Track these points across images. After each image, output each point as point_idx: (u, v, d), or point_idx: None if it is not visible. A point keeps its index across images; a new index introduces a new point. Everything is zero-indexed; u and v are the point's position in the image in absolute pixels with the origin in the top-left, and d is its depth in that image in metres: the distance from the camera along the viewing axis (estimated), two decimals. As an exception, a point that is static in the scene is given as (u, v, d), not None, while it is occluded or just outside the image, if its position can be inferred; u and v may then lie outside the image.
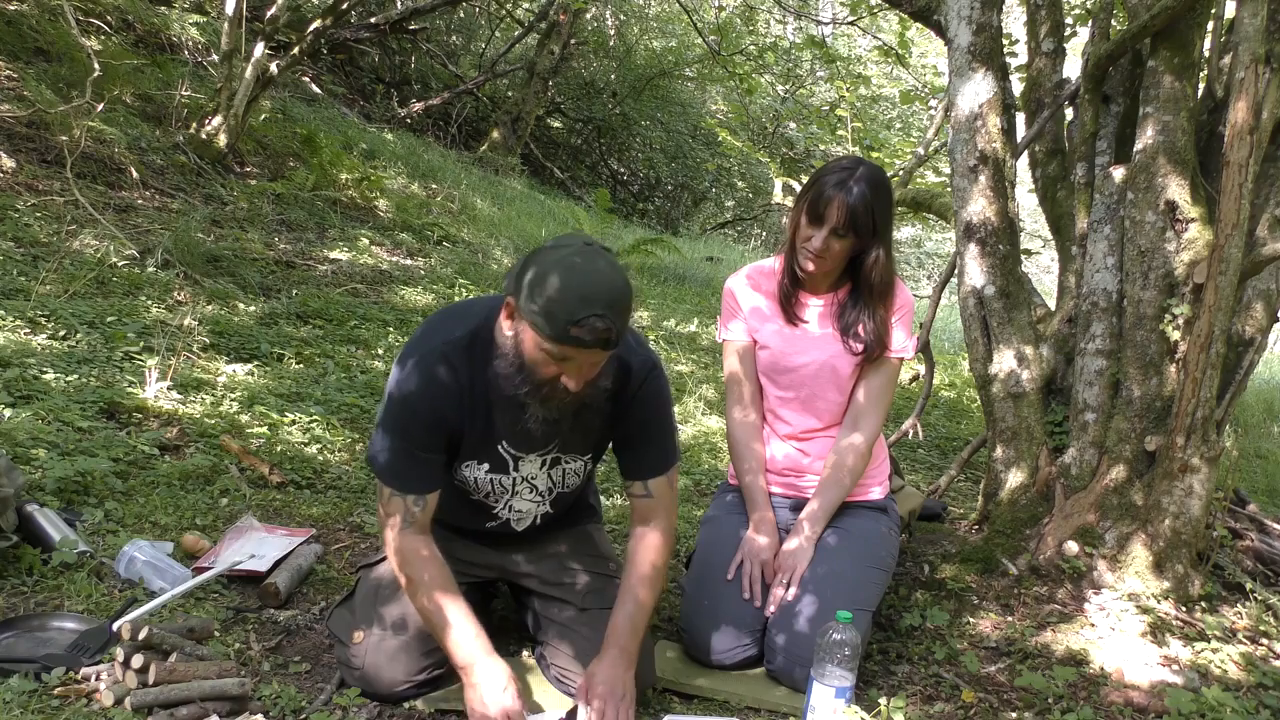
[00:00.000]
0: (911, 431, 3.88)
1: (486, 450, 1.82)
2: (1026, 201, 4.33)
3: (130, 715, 1.59)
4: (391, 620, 1.81)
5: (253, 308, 4.17)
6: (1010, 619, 2.36)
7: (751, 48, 12.23)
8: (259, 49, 5.80)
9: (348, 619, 1.88)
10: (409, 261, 5.87)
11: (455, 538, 1.96)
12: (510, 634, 2.12)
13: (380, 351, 4.11)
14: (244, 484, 2.66)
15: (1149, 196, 2.58)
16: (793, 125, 14.41)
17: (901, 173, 7.09)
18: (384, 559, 1.90)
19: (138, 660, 1.64)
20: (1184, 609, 2.36)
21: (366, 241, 5.81)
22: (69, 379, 2.91)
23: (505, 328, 1.66)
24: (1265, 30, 2.28)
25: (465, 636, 1.68)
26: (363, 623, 1.83)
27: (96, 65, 4.84)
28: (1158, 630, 2.26)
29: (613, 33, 14.84)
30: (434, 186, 8.01)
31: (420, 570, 1.73)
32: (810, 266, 2.12)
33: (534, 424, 1.70)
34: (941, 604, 2.43)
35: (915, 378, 5.47)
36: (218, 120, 5.78)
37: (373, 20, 10.05)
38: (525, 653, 2.05)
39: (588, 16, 13.04)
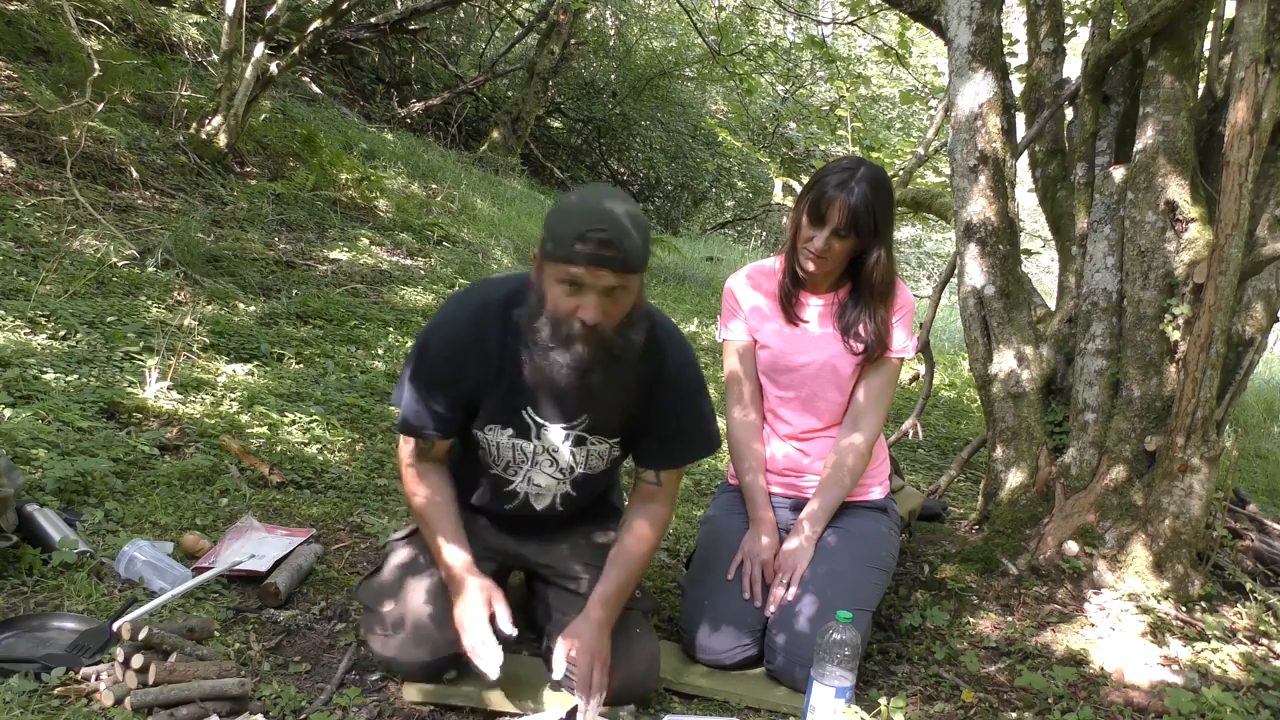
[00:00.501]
0: (911, 431, 3.88)
1: (510, 414, 1.82)
2: (1026, 201, 4.33)
3: (130, 715, 1.59)
4: (418, 600, 1.83)
5: (253, 308, 4.17)
6: (1010, 619, 2.36)
7: (751, 48, 12.23)
8: (259, 49, 5.80)
9: (374, 589, 1.90)
10: (409, 261, 5.87)
11: (476, 519, 1.98)
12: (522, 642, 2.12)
13: (380, 351, 4.11)
14: (244, 484, 2.66)
15: (1149, 196, 2.58)
16: (793, 125, 14.42)
17: (901, 173, 7.09)
18: (411, 534, 1.96)
19: (138, 660, 1.64)
20: (1184, 609, 2.36)
21: (366, 241, 5.81)
22: (69, 379, 2.91)
23: (533, 281, 1.70)
24: (1265, 30, 2.28)
25: (456, 549, 1.78)
26: (390, 596, 1.85)
27: (96, 65, 4.84)
28: (1158, 630, 2.26)
29: (613, 33, 14.84)
30: (434, 186, 8.01)
31: (424, 488, 1.84)
32: (811, 267, 2.12)
33: (560, 372, 1.66)
34: (941, 604, 2.43)
35: (915, 378, 5.47)
36: (218, 120, 5.78)
37: (373, 20, 10.05)
38: (526, 653, 2.05)
39: (588, 16, 13.03)
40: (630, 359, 1.71)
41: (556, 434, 1.85)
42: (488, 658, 1.69)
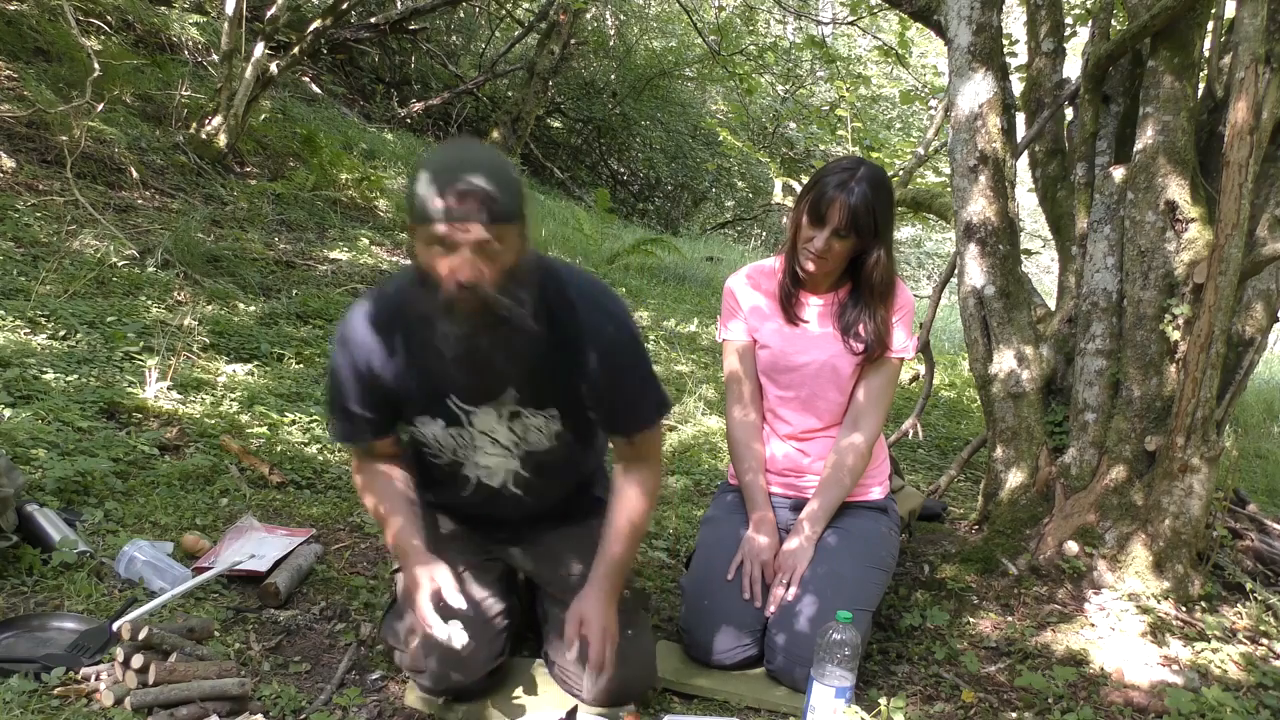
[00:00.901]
0: (911, 431, 3.88)
1: (436, 405, 1.78)
2: (1026, 201, 4.33)
3: (130, 715, 1.59)
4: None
5: (253, 308, 4.17)
6: (1010, 619, 2.36)
7: (751, 48, 12.24)
8: (259, 49, 5.80)
9: (401, 628, 1.83)
10: (409, 261, 5.86)
11: (455, 522, 1.96)
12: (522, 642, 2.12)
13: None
14: (244, 484, 2.66)
15: (1149, 196, 2.58)
16: (793, 125, 14.42)
17: (901, 173, 7.09)
18: None
19: (138, 660, 1.64)
20: (1184, 609, 2.36)
21: (366, 241, 5.81)
22: (69, 379, 2.91)
23: (414, 257, 1.64)
24: (1265, 30, 2.28)
25: (407, 533, 1.76)
26: (419, 631, 1.78)
27: (96, 65, 4.85)
28: (1158, 630, 2.26)
29: (613, 33, 14.84)
30: (434, 186, 7.99)
31: (374, 478, 1.83)
32: (811, 267, 2.12)
33: (452, 344, 1.59)
34: (941, 604, 2.43)
35: (915, 378, 5.47)
36: (218, 120, 5.79)
37: (373, 20, 10.05)
38: (525, 653, 2.05)
39: (588, 16, 13.03)
40: (521, 317, 1.60)
41: (488, 416, 1.78)
42: (442, 633, 1.64)
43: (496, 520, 1.96)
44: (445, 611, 1.65)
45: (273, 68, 6.13)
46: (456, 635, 1.63)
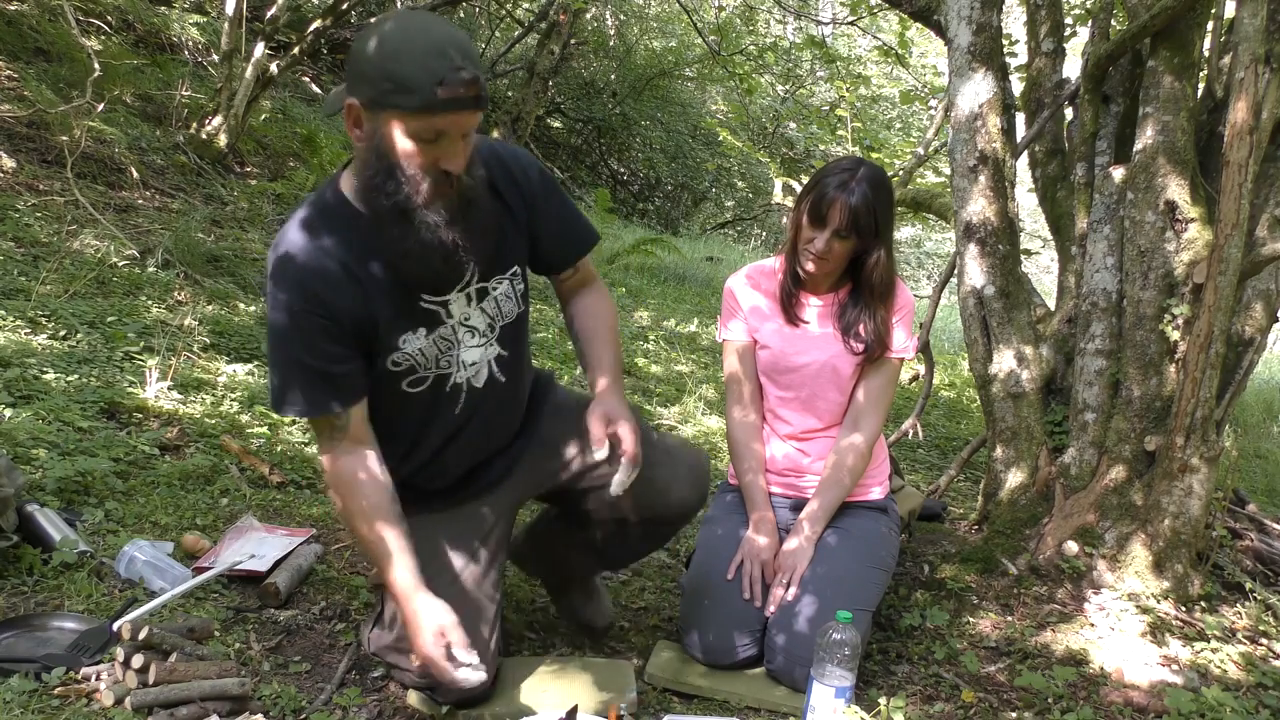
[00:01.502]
0: (911, 431, 3.88)
1: (411, 314, 1.64)
2: (1026, 201, 4.33)
3: (130, 715, 1.59)
4: None
5: (253, 308, 4.17)
6: (1010, 619, 2.36)
7: (751, 48, 12.23)
8: (259, 49, 5.80)
9: (389, 639, 1.79)
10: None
11: (443, 503, 1.85)
12: (522, 642, 2.12)
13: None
14: (244, 484, 2.66)
15: (1149, 196, 2.58)
16: (793, 125, 14.42)
17: (901, 173, 7.09)
18: None
19: (138, 660, 1.64)
20: (1184, 609, 2.36)
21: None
22: (69, 379, 2.91)
23: (355, 143, 1.49)
24: (1265, 30, 2.28)
25: (403, 569, 1.60)
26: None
27: (96, 65, 4.85)
28: (1158, 630, 2.26)
29: (613, 33, 14.85)
30: (434, 186, 8.00)
31: (356, 496, 1.61)
32: (812, 267, 2.12)
33: (428, 235, 1.50)
34: (941, 604, 2.43)
35: (915, 378, 5.47)
36: (218, 120, 5.79)
37: (373, 20, 10.05)
38: (525, 653, 2.05)
39: (588, 16, 13.03)
40: (483, 197, 1.56)
41: (459, 302, 1.68)
42: (463, 678, 1.59)
43: (484, 451, 1.87)
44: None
45: (273, 68, 6.13)
46: (473, 676, 1.61)
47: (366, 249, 1.56)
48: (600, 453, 1.67)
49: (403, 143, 1.43)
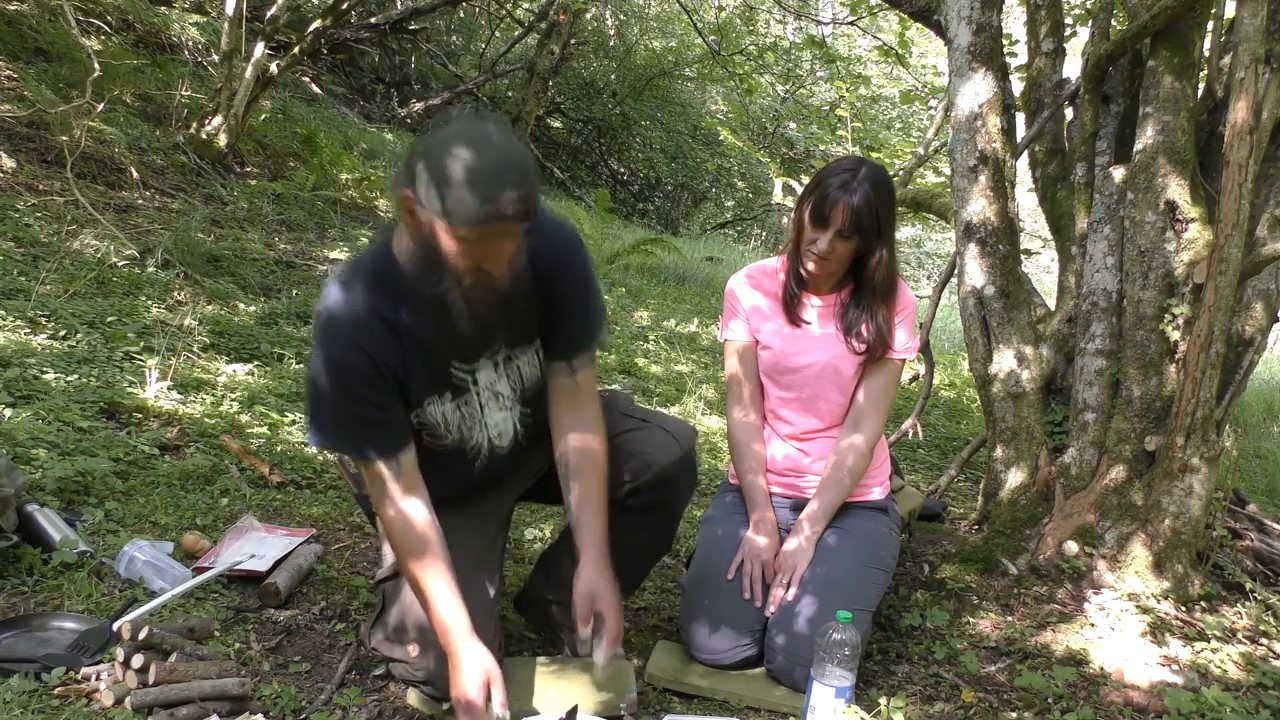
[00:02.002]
0: (911, 431, 3.88)
1: (439, 379, 1.72)
2: (1026, 201, 4.33)
3: (130, 715, 1.59)
4: None
5: (253, 308, 4.17)
6: (1010, 619, 2.36)
7: (751, 48, 12.23)
8: (259, 49, 5.80)
9: (391, 635, 1.82)
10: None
11: (454, 516, 1.86)
12: (522, 642, 2.12)
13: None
14: (244, 484, 2.66)
15: (1149, 196, 2.58)
16: (793, 125, 14.41)
17: (901, 173, 7.09)
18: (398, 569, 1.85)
19: (138, 660, 1.64)
20: (1184, 609, 2.36)
21: (366, 241, 5.79)
22: (69, 379, 2.91)
23: (410, 228, 1.56)
24: (1265, 30, 2.28)
25: (453, 614, 1.63)
26: (413, 633, 1.77)
27: (96, 65, 4.85)
28: (1158, 630, 2.26)
29: (613, 33, 14.85)
30: (434, 186, 7.99)
31: (409, 547, 1.66)
32: (814, 268, 2.11)
33: (462, 323, 1.59)
34: (941, 604, 2.43)
35: (915, 378, 5.47)
36: (218, 120, 5.79)
37: (373, 20, 10.06)
38: (525, 653, 2.05)
39: (588, 16, 13.03)
40: (522, 284, 1.63)
41: (486, 370, 1.76)
42: None
43: (496, 476, 1.93)
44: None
45: (273, 68, 6.14)
46: None
47: (408, 312, 1.63)
48: (584, 632, 1.71)
49: (448, 244, 1.50)
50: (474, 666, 1.60)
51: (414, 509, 1.68)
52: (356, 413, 1.64)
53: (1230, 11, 2.71)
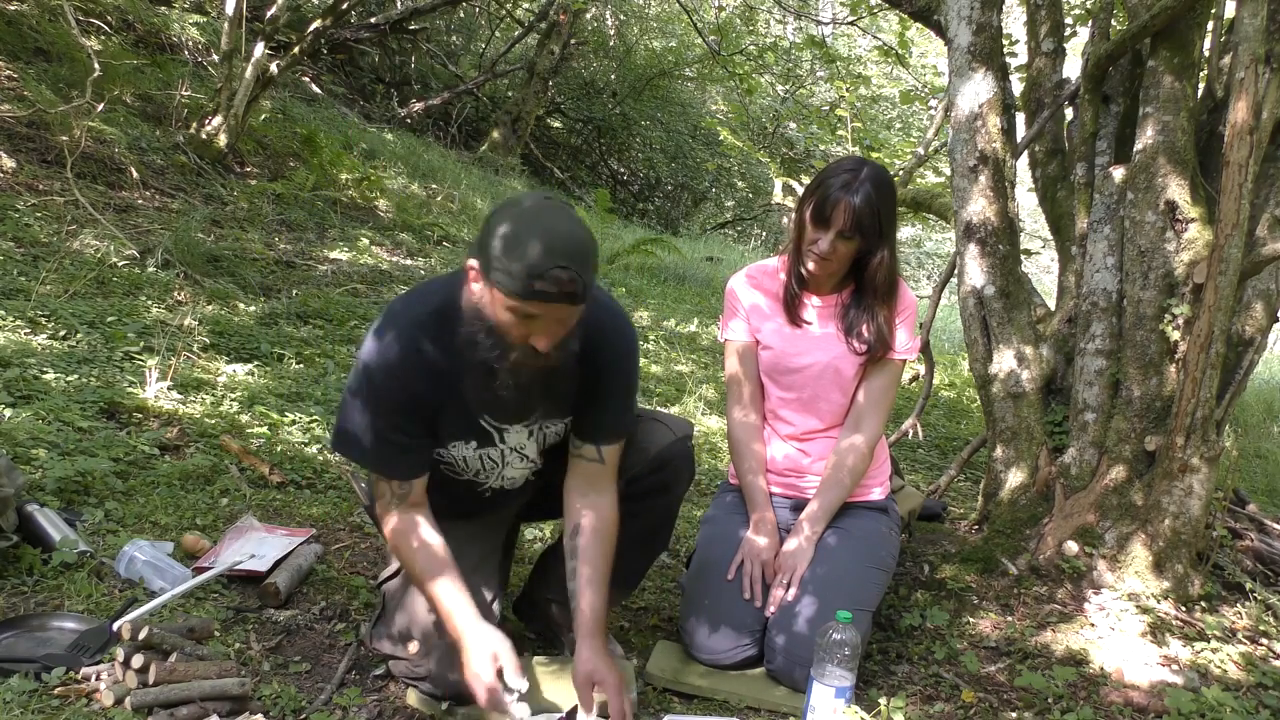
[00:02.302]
0: (911, 431, 3.88)
1: (469, 427, 1.78)
2: (1026, 201, 4.33)
3: (130, 715, 1.59)
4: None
5: (253, 308, 4.17)
6: (1010, 619, 2.36)
7: (751, 48, 12.24)
8: (259, 49, 5.80)
9: (392, 634, 1.83)
10: (409, 261, 5.87)
11: (456, 524, 1.91)
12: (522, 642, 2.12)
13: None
14: (244, 484, 2.66)
15: (1149, 196, 2.58)
16: (793, 125, 14.41)
17: (901, 173, 7.09)
18: (401, 569, 1.88)
19: (138, 660, 1.64)
20: (1184, 609, 2.36)
21: (366, 241, 5.81)
22: (69, 379, 2.91)
23: (471, 294, 1.62)
24: (1265, 30, 2.29)
25: (461, 610, 1.67)
26: (416, 633, 1.79)
27: (96, 65, 4.85)
28: (1158, 630, 2.26)
29: (613, 33, 14.85)
30: (434, 186, 8.01)
31: (412, 554, 1.72)
32: (815, 268, 2.11)
33: (505, 391, 1.66)
34: (941, 604, 2.43)
35: (915, 378, 5.47)
36: (218, 120, 5.79)
37: (373, 20, 10.06)
38: (526, 653, 2.05)
39: (588, 16, 13.04)
40: (570, 363, 1.69)
41: (518, 434, 1.83)
42: (513, 712, 1.63)
43: (504, 499, 2.00)
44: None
45: (273, 68, 6.14)
46: (518, 711, 1.63)
47: (457, 362, 1.68)
48: (591, 715, 1.70)
49: (501, 314, 1.57)
50: (481, 648, 1.63)
51: (417, 522, 1.75)
52: (385, 435, 1.71)
53: (1230, 11, 2.71)
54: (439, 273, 5.73)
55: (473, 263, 1.60)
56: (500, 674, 1.62)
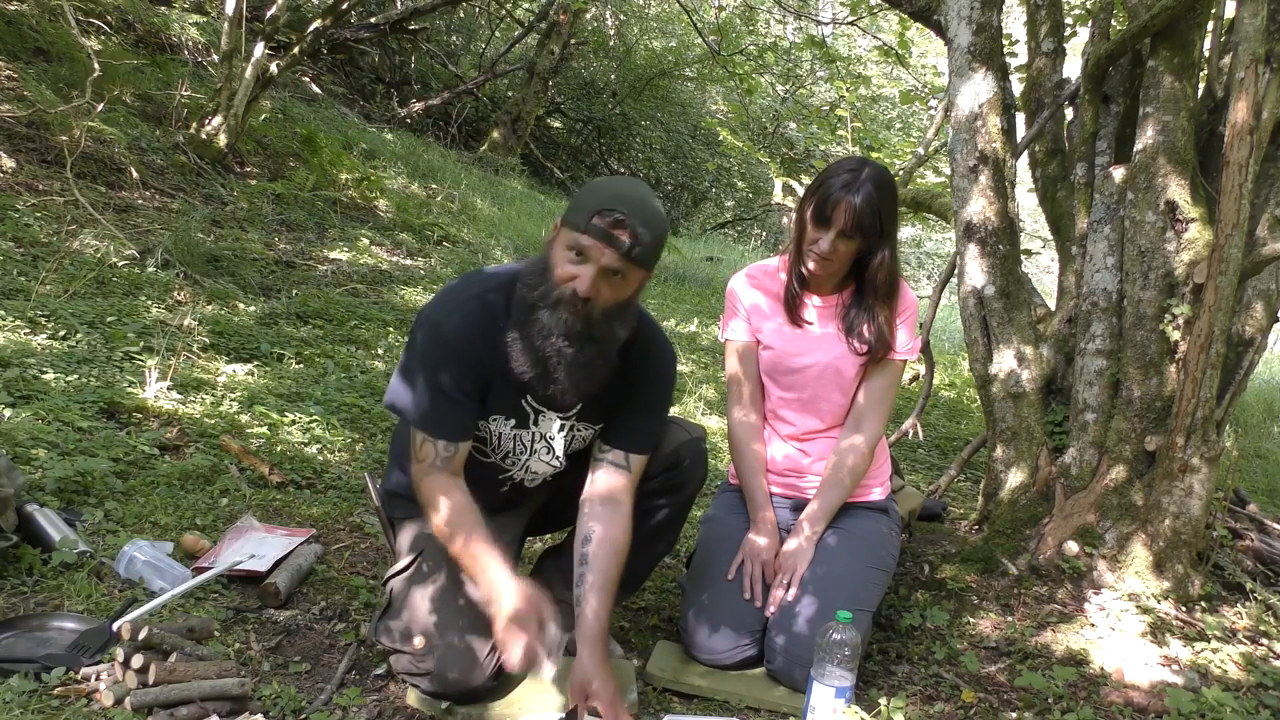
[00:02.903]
0: (911, 431, 3.88)
1: (513, 405, 1.84)
2: (1026, 201, 4.33)
3: (130, 715, 1.59)
4: (448, 623, 1.77)
5: (253, 308, 4.17)
6: (1010, 619, 2.36)
7: (751, 48, 12.23)
8: (259, 49, 5.80)
9: (397, 630, 1.83)
10: (409, 261, 5.87)
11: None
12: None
13: (380, 351, 4.11)
14: (244, 484, 2.66)
15: (1149, 196, 2.58)
16: (793, 125, 14.41)
17: (901, 173, 7.08)
18: (408, 567, 1.87)
19: (138, 660, 1.64)
20: (1184, 609, 2.36)
21: (366, 241, 5.81)
22: (69, 379, 2.91)
23: (547, 246, 1.73)
24: (1265, 30, 2.29)
25: (495, 568, 1.69)
26: (419, 631, 1.78)
27: (96, 65, 4.85)
28: (1158, 630, 2.26)
29: (613, 33, 14.85)
30: (434, 186, 8.01)
31: (443, 513, 1.74)
32: (816, 268, 2.11)
33: (546, 340, 1.68)
34: (941, 604, 2.43)
35: (915, 378, 5.47)
36: (218, 120, 5.78)
37: (373, 20, 10.06)
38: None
39: (588, 16, 13.04)
40: (611, 347, 1.75)
41: (553, 422, 1.88)
42: (542, 669, 1.64)
43: (520, 501, 2.05)
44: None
45: (273, 68, 6.13)
46: (549, 672, 1.64)
47: (514, 330, 1.75)
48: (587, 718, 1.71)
49: (558, 251, 1.68)
50: (519, 600, 1.65)
51: (458, 483, 1.78)
52: (445, 390, 1.75)
53: (1230, 11, 2.71)
54: (439, 273, 5.73)
55: (558, 220, 1.72)
56: (541, 627, 1.64)
